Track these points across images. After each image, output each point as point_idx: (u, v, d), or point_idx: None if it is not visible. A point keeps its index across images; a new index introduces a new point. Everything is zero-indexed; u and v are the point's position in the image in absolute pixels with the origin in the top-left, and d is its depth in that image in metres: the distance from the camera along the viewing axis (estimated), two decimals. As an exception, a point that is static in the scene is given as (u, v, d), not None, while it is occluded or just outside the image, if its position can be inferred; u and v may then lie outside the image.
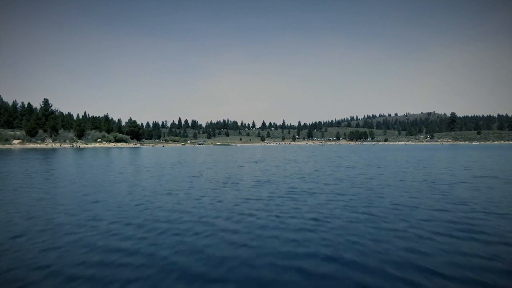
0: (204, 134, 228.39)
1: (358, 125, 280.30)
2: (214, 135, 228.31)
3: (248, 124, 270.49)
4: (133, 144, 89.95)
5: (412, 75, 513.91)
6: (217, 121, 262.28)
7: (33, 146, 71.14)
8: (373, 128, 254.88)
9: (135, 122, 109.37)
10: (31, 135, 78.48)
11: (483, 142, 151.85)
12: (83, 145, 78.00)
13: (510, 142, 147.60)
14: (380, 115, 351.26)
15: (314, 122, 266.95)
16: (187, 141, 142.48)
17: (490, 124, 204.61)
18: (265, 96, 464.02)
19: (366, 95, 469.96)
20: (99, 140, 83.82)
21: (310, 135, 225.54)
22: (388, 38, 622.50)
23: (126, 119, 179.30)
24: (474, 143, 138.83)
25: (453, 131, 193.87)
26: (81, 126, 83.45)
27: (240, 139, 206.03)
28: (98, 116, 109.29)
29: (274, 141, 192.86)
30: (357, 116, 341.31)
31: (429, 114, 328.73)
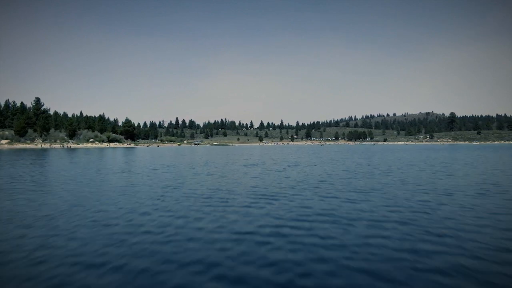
0: (202, 134, 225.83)
1: (357, 125, 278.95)
2: (212, 135, 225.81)
3: (246, 124, 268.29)
4: (127, 144, 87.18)
5: (411, 75, 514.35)
6: (215, 121, 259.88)
7: (22, 147, 68.40)
8: (372, 128, 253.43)
9: (130, 122, 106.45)
10: (20, 135, 75.55)
11: (483, 142, 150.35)
12: (75, 146, 75.19)
13: (511, 142, 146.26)
14: (379, 115, 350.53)
15: (313, 122, 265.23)
16: (184, 141, 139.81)
17: (490, 124, 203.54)
18: (263, 96, 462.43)
19: (365, 95, 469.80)
20: (92, 140, 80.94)
21: (309, 135, 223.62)
22: (386, 38, 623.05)
23: (124, 119, 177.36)
24: (475, 143, 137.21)
25: (453, 131, 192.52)
26: (73, 126, 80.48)
27: (238, 139, 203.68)
28: (94, 116, 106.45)
29: (272, 141, 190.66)
30: (356, 116, 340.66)
31: (428, 114, 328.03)
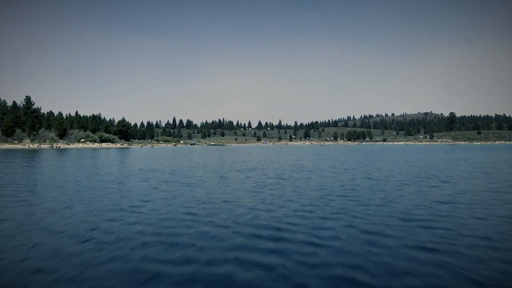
0: (199, 134, 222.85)
1: (355, 125, 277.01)
2: (209, 135, 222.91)
3: (244, 124, 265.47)
4: (120, 145, 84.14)
5: (409, 75, 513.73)
6: (213, 121, 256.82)
7: (8, 147, 65.35)
8: (371, 128, 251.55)
9: (124, 121, 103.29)
10: (7, 135, 72.41)
11: (484, 142, 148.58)
12: (65, 146, 72.12)
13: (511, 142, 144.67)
14: (377, 115, 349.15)
15: (311, 122, 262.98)
16: (180, 141, 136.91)
17: (489, 124, 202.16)
18: (262, 96, 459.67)
19: (363, 95, 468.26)
20: (83, 140, 77.82)
21: (307, 135, 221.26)
22: (385, 38, 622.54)
23: (121, 120, 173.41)
24: (476, 143, 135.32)
25: (453, 131, 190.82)
26: (63, 125, 77.31)
27: (236, 139, 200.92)
28: (91, 115, 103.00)
29: (271, 141, 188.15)
30: (354, 116, 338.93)
31: (426, 114, 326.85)
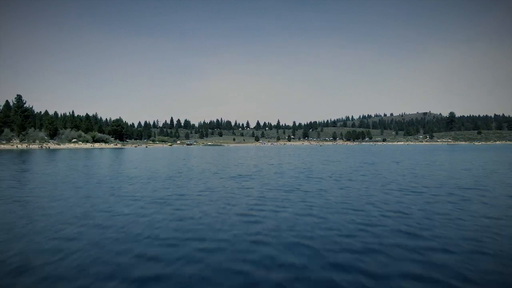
0: (197, 134, 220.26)
1: (354, 125, 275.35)
2: (207, 135, 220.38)
3: (242, 124, 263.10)
4: (114, 145, 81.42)
5: (408, 75, 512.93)
6: (210, 121, 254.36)
7: (-5, 147, 62.52)
8: (370, 128, 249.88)
9: (119, 121, 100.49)
10: (-5, 135, 69.59)
11: (485, 143, 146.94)
12: (55, 146, 69.36)
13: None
14: (376, 115, 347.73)
15: (310, 122, 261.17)
16: (177, 141, 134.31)
17: (489, 124, 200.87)
18: (261, 96, 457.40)
19: (362, 95, 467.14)
20: (75, 141, 75.05)
21: (306, 135, 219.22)
22: (383, 38, 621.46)
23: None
24: (477, 143, 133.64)
25: (452, 131, 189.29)
26: (54, 125, 74.52)
27: (234, 139, 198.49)
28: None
29: (269, 141, 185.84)
30: (353, 116, 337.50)
31: (425, 114, 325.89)
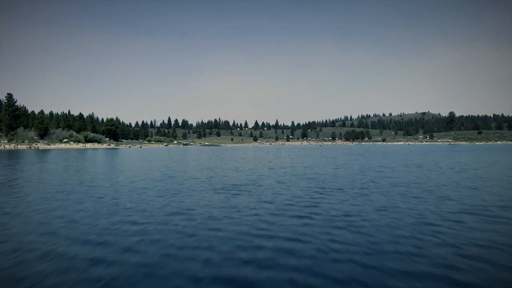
0: (194, 134, 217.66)
1: (353, 125, 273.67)
2: (205, 135, 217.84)
3: (241, 124, 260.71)
4: (107, 145, 78.78)
5: (406, 75, 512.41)
6: (208, 121, 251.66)
7: (-19, 148, 59.79)
8: (368, 128, 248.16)
9: (113, 120, 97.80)
10: (-18, 135, 66.89)
11: (485, 143, 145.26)
12: (45, 146, 66.64)
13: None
14: (375, 115, 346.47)
15: (308, 122, 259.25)
16: (173, 141, 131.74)
17: (489, 124, 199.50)
18: (260, 96, 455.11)
19: (360, 95, 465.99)
20: (66, 141, 72.36)
21: (305, 135, 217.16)
22: (382, 38, 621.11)
23: (118, 120, 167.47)
24: (478, 143, 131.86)
25: (452, 131, 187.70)
26: (44, 124, 71.79)
27: (232, 139, 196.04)
28: (81, 114, 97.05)
29: (268, 142, 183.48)
30: (351, 116, 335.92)
31: (424, 114, 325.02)
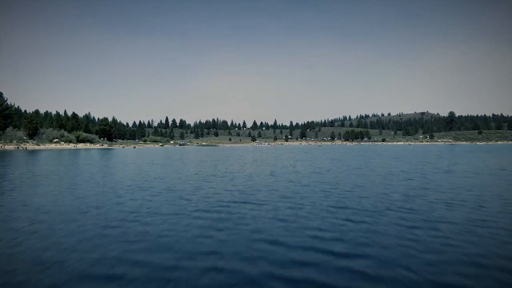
0: (192, 134, 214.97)
1: (352, 125, 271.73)
2: (202, 135, 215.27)
3: (239, 124, 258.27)
4: (100, 145, 76.14)
5: (405, 75, 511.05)
6: (206, 121, 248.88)
7: (-34, 148, 57.06)
8: (367, 128, 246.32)
9: (106, 120, 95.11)
10: (-32, 134, 64.12)
11: (486, 143, 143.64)
12: (33, 147, 63.92)
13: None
14: (374, 115, 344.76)
15: (307, 122, 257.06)
16: (170, 142, 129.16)
17: (489, 123, 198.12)
18: (257, 96, 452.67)
19: (359, 95, 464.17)
20: (56, 141, 69.69)
21: (304, 135, 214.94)
22: (382, 38, 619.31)
23: (118, 120, 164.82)
24: (479, 143, 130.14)
25: (452, 131, 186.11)
26: (33, 123, 69.09)
27: (230, 139, 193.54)
28: (74, 114, 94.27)
29: (266, 142, 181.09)
30: (350, 116, 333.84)
31: (423, 114, 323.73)
